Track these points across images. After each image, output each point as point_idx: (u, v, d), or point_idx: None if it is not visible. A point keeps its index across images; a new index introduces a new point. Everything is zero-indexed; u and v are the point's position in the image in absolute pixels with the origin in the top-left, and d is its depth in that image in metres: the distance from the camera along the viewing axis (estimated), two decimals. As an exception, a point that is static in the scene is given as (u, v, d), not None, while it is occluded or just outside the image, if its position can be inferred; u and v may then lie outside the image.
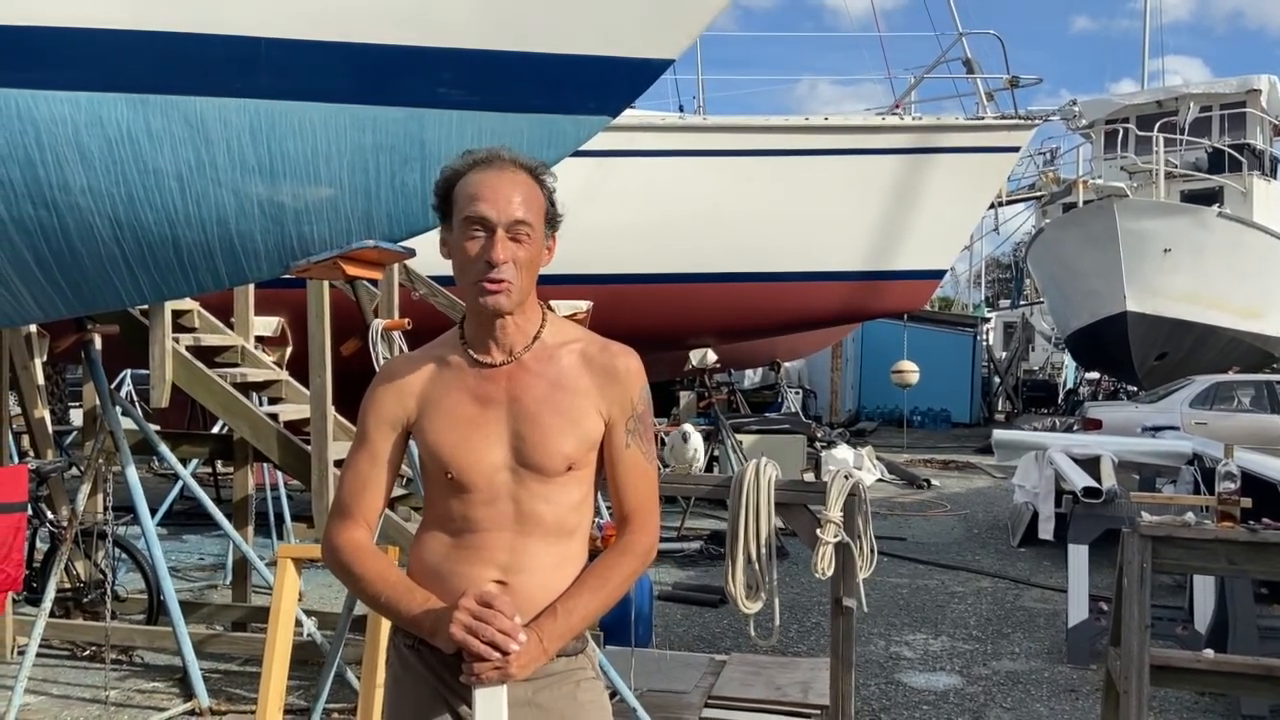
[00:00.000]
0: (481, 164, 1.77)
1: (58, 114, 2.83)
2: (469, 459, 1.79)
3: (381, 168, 3.08)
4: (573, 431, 1.80)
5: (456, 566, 1.80)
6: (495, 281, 1.72)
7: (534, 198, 1.77)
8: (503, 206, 1.72)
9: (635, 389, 1.86)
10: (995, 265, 44.10)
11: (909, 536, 9.04)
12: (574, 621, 1.77)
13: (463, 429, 1.80)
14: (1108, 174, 20.09)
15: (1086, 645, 5.42)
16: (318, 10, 2.93)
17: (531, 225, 1.75)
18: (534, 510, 1.79)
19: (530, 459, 1.78)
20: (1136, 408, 13.43)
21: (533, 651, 1.70)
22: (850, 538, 3.72)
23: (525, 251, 1.75)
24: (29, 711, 4.51)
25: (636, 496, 1.88)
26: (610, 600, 1.84)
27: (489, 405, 1.80)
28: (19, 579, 3.81)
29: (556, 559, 1.81)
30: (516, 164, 1.78)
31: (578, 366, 1.83)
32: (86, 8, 2.80)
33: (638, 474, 1.88)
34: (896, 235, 10.15)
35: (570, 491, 1.83)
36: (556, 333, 1.86)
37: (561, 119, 3.18)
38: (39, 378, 5.69)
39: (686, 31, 3.24)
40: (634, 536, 1.87)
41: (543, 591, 1.78)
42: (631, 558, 1.86)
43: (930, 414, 21.13)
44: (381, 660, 3.33)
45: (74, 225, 3.01)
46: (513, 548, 1.79)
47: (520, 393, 1.80)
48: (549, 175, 1.82)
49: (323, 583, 6.99)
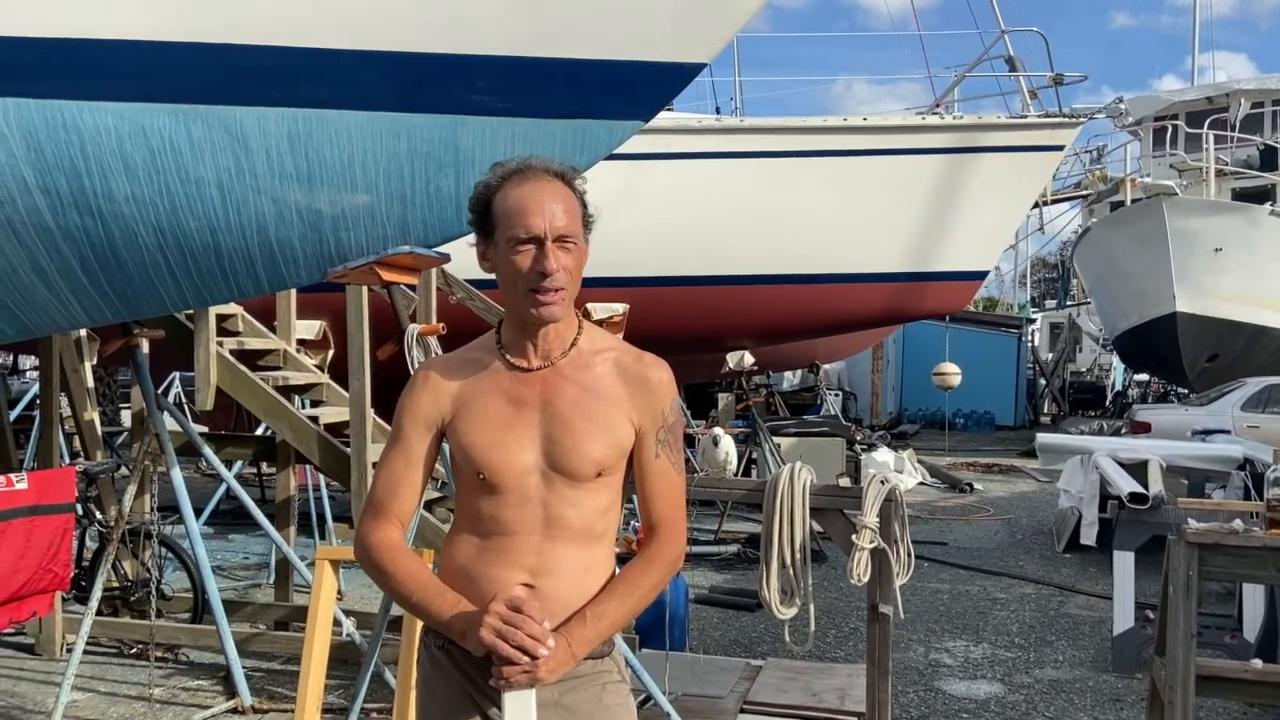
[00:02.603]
0: (516, 176, 1.79)
1: (102, 124, 2.89)
2: (500, 460, 1.81)
3: (417, 174, 3.11)
4: (603, 437, 1.82)
5: (485, 569, 1.82)
6: (550, 291, 1.76)
7: (572, 205, 1.80)
8: (549, 218, 1.76)
9: (666, 400, 1.89)
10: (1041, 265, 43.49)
11: (950, 541, 8.93)
12: (602, 627, 1.79)
13: (496, 431, 1.82)
14: (1156, 172, 19.70)
15: (1132, 654, 5.32)
16: (354, 20, 2.96)
17: (575, 234, 1.79)
18: (562, 514, 1.81)
19: (561, 463, 1.81)
20: (1186, 410, 13.15)
21: (561, 656, 1.73)
22: (886, 543, 3.68)
23: (572, 258, 1.79)
24: (76, 708, 4.61)
25: (664, 506, 1.90)
26: (638, 608, 1.87)
27: (522, 408, 1.83)
28: (66, 579, 3.90)
29: (584, 563, 1.83)
30: (549, 172, 1.81)
31: (611, 375, 1.86)
32: (129, 20, 2.86)
33: (666, 483, 1.90)
34: (938, 236, 10.03)
35: (599, 497, 1.84)
36: (592, 340, 1.89)
37: (594, 124, 3.19)
38: (88, 381, 5.82)
39: (719, 35, 3.24)
40: (662, 546, 1.89)
41: (571, 595, 1.81)
42: (659, 566, 1.87)
43: (973, 416, 20.88)
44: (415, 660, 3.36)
45: (119, 233, 3.08)
46: (540, 551, 1.81)
47: (554, 397, 1.82)
48: (580, 179, 1.85)
49: (362, 583, 7.06)
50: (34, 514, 3.66)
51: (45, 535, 3.71)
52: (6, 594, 3.63)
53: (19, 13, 2.85)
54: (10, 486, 3.59)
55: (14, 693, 4.86)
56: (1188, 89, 22.57)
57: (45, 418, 5.55)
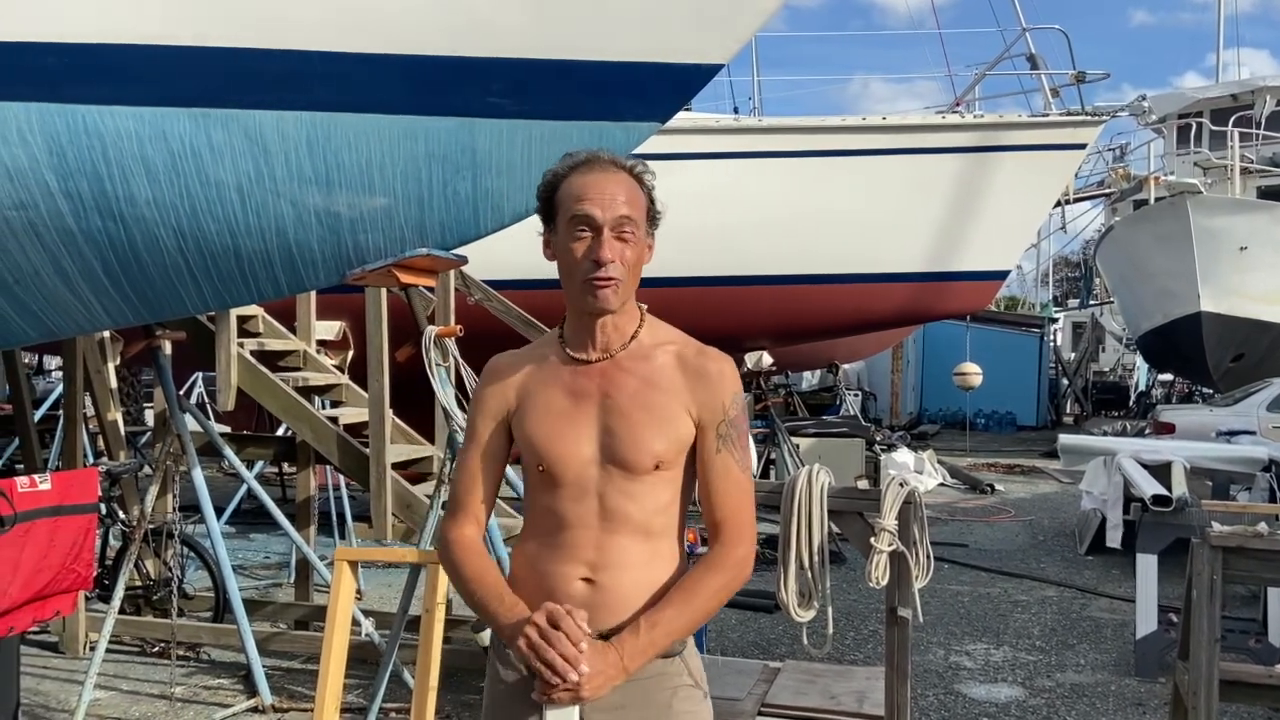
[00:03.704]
0: (583, 165, 1.80)
1: (123, 129, 2.92)
2: (559, 451, 1.81)
3: (434, 177, 3.12)
4: (662, 430, 1.79)
5: (547, 565, 1.81)
6: (603, 280, 1.75)
7: (636, 196, 1.79)
8: (607, 205, 1.75)
9: (727, 393, 1.84)
10: (1063, 264, 43.14)
11: (971, 543, 8.87)
12: (657, 636, 1.74)
13: (555, 422, 1.82)
14: (1180, 170, 19.49)
15: (1155, 658, 5.26)
16: (371, 23, 2.98)
17: (635, 222, 1.77)
18: (620, 507, 1.79)
19: (618, 455, 1.79)
20: (1211, 411, 13.01)
21: (609, 671, 1.68)
22: (905, 546, 3.66)
23: (631, 250, 1.78)
24: (99, 706, 4.65)
25: (727, 505, 1.84)
26: (698, 615, 1.79)
27: (582, 400, 1.82)
28: (89, 578, 3.94)
29: (645, 556, 1.80)
30: (617, 164, 1.81)
31: (671, 367, 1.83)
32: (148, 24, 2.88)
33: (729, 481, 1.83)
34: (959, 235, 9.97)
35: (658, 492, 1.81)
36: (653, 333, 1.87)
37: (611, 126, 3.19)
38: (112, 381, 5.88)
39: (736, 36, 3.23)
40: (724, 549, 1.82)
41: (632, 589, 1.78)
42: (720, 571, 1.80)
43: (994, 417, 20.75)
44: (434, 661, 3.37)
45: (140, 236, 3.11)
46: (599, 545, 1.79)
47: (613, 389, 1.81)
48: (649, 174, 1.84)
49: (381, 582, 7.10)
50: (57, 514, 3.69)
51: (69, 535, 3.74)
52: (31, 593, 3.66)
53: (41, 18, 2.88)
54: (34, 487, 3.62)
55: (38, 690, 4.91)
56: (1212, 86, 22.33)
57: (69, 417, 5.61)
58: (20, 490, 3.57)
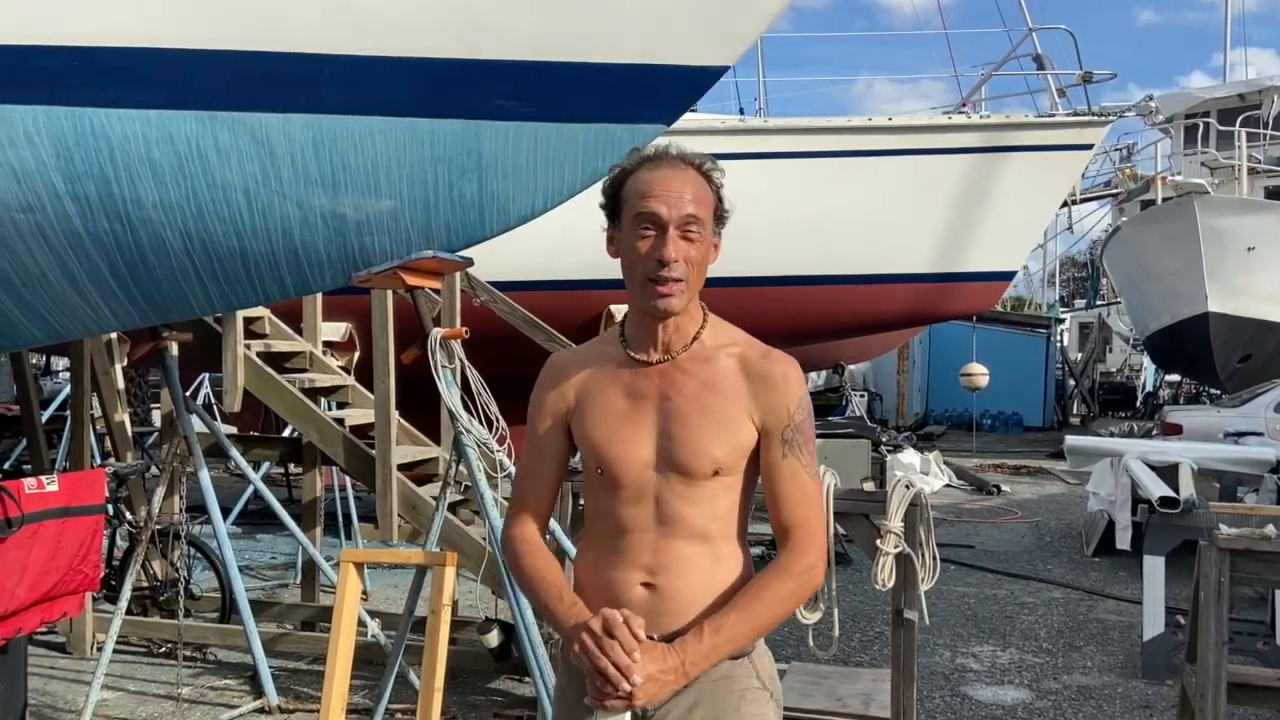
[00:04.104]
0: (651, 161, 1.76)
1: (130, 131, 2.93)
2: (617, 454, 1.79)
3: (440, 179, 3.12)
4: (721, 434, 1.75)
5: (607, 571, 1.80)
6: (667, 281, 1.72)
7: (703, 194, 1.75)
8: (674, 203, 1.71)
9: (793, 398, 1.78)
10: (1070, 264, 43.03)
11: (977, 544, 8.86)
12: (720, 642, 1.70)
13: (614, 424, 1.80)
14: (1188, 170, 19.44)
15: (1162, 660, 5.25)
16: (377, 26, 2.98)
17: (701, 221, 1.73)
18: (677, 512, 1.75)
19: (676, 458, 1.75)
20: (1219, 412, 12.96)
21: (668, 676, 1.65)
22: (911, 548, 3.66)
23: (696, 250, 1.74)
24: (106, 706, 4.67)
25: (794, 511, 1.78)
26: (763, 622, 1.74)
27: (640, 402, 1.79)
28: (96, 579, 3.95)
29: (706, 560, 1.76)
30: (685, 160, 1.77)
31: (734, 370, 1.78)
32: (156, 28, 2.89)
33: (795, 487, 1.78)
34: (965, 236, 9.95)
35: (717, 497, 1.77)
36: (716, 335, 1.83)
37: (617, 128, 3.18)
38: (119, 382, 5.89)
39: (742, 37, 3.22)
40: (790, 556, 1.77)
41: (694, 592, 1.75)
42: (786, 578, 1.75)
43: (1001, 417, 20.70)
44: (440, 662, 3.37)
45: (147, 238, 3.11)
46: (656, 549, 1.76)
47: (672, 391, 1.77)
48: (717, 171, 1.79)
49: (388, 583, 7.11)
50: (65, 515, 3.70)
51: (76, 536, 3.76)
52: (38, 594, 3.68)
53: (47, 20, 2.89)
54: (41, 489, 3.63)
55: (45, 691, 4.93)
56: (1219, 86, 22.27)
57: (77, 418, 5.63)
58: (28, 492, 3.58)
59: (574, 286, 8.82)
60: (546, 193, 3.21)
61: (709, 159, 1.79)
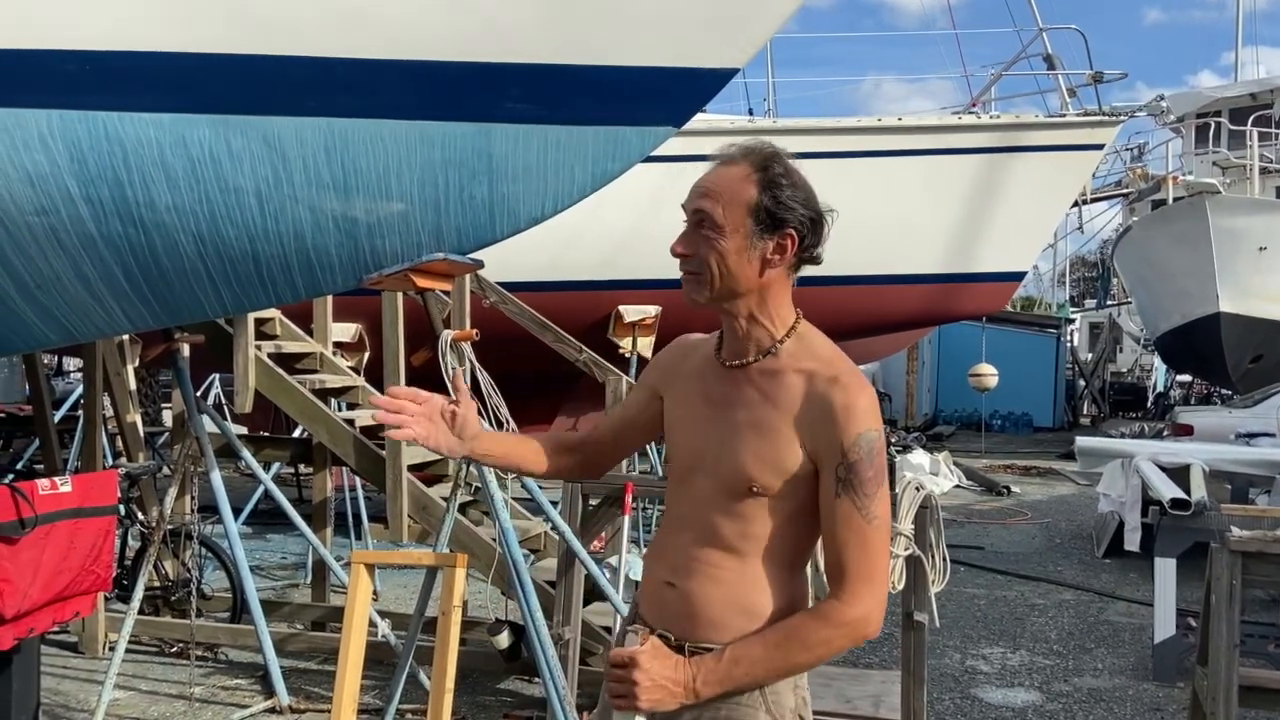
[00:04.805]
0: (715, 160, 1.75)
1: (144, 135, 2.94)
2: (679, 451, 1.81)
3: (450, 182, 3.12)
4: (764, 454, 1.67)
5: (649, 562, 1.84)
6: (684, 272, 1.73)
7: (732, 190, 1.68)
8: (692, 195, 1.72)
9: (849, 433, 1.63)
10: (1080, 263, 42.89)
11: (987, 545, 8.84)
12: (738, 673, 1.62)
13: (684, 421, 1.82)
14: (1199, 170, 19.38)
15: (1173, 662, 5.23)
16: (389, 30, 2.99)
17: (711, 217, 1.68)
18: (712, 521, 1.72)
19: (717, 468, 1.73)
20: (1230, 413, 12.92)
21: (676, 688, 1.60)
22: (921, 550, 3.66)
23: (709, 245, 1.68)
24: (118, 706, 4.69)
25: (841, 556, 1.64)
26: (788, 665, 1.65)
27: (708, 405, 1.78)
28: (108, 580, 3.97)
29: (733, 575, 1.70)
30: (734, 158, 1.72)
31: (798, 390, 1.68)
32: (169, 32, 2.90)
33: (847, 530, 1.63)
34: (975, 237, 9.94)
35: (752, 515, 1.69)
36: (796, 350, 1.73)
37: (626, 130, 3.18)
38: (131, 383, 5.93)
39: (753, 40, 3.22)
40: (834, 603, 1.63)
41: (713, 603, 1.70)
42: (825, 624, 1.63)
43: (1011, 418, 20.65)
44: (451, 663, 3.38)
45: (160, 242, 3.13)
46: (686, 552, 1.75)
47: (735, 400, 1.74)
48: (773, 169, 1.70)
49: (398, 583, 7.13)
50: (78, 516, 3.72)
51: (89, 537, 3.78)
52: (51, 595, 3.70)
53: (61, 25, 2.91)
54: (55, 489, 3.65)
55: (58, 690, 4.96)
56: (1230, 85, 22.18)
57: (89, 419, 5.66)
58: (41, 492, 3.60)
59: (583, 287, 8.84)
60: (557, 195, 3.21)
61: (768, 156, 1.71)
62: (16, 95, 2.90)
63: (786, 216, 1.69)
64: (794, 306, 1.77)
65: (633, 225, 8.26)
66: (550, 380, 8.45)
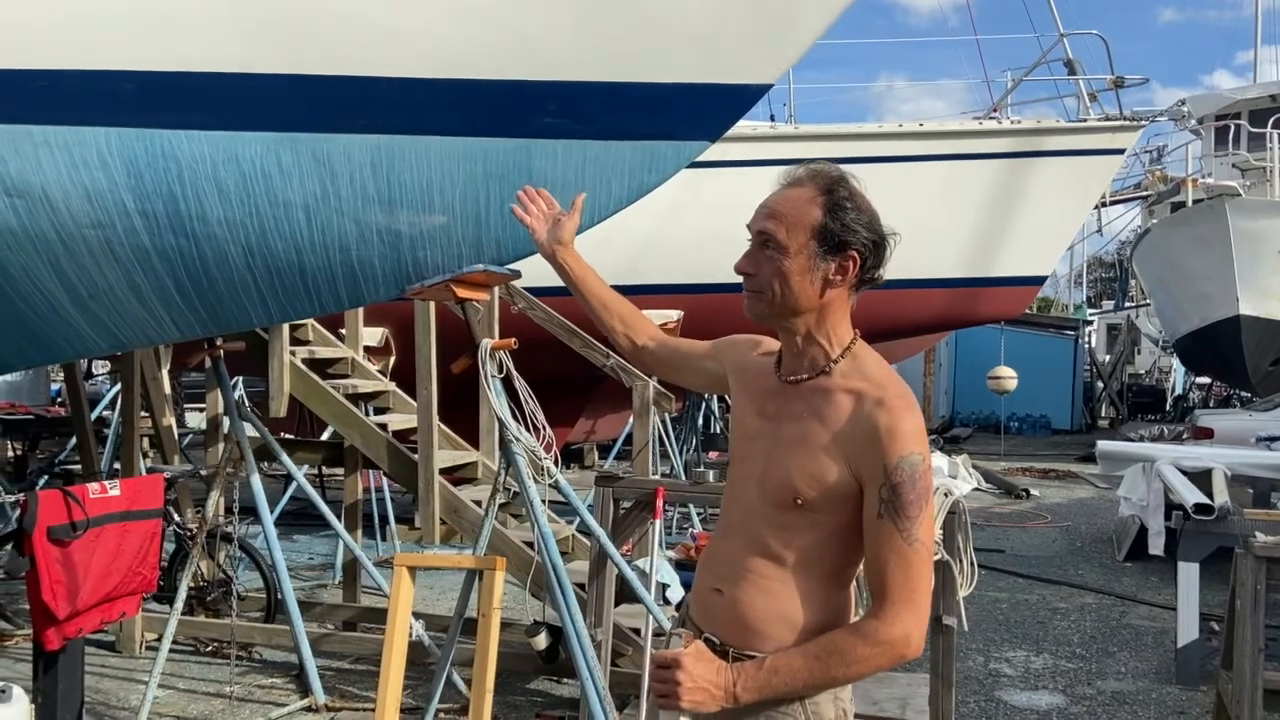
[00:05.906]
0: (786, 179, 1.81)
1: (198, 153, 3.05)
2: (734, 459, 1.88)
3: (491, 196, 3.22)
4: (809, 469, 1.71)
5: (700, 569, 1.90)
6: (747, 290, 1.80)
7: (797, 212, 1.73)
8: (756, 216, 1.79)
9: (891, 455, 1.64)
10: (1098, 264, 42.72)
11: (1007, 548, 8.87)
12: (776, 681, 1.66)
13: (741, 429, 1.88)
14: (1218, 172, 19.26)
15: (1196, 666, 5.27)
16: (433, 50, 3.08)
17: (775, 237, 1.73)
18: (759, 531, 1.77)
19: (764, 480, 1.78)
20: (1250, 416, 12.86)
21: (716, 691, 1.65)
22: (950, 555, 3.72)
23: (770, 265, 1.74)
24: (158, 704, 4.80)
25: (883, 576, 1.65)
26: (827, 678, 1.67)
27: (761, 418, 1.84)
28: (154, 581, 4.07)
29: (776, 585, 1.74)
30: (801, 181, 1.77)
31: (846, 410, 1.71)
32: (225, 54, 3.00)
33: (889, 551, 1.65)
34: (996, 241, 9.96)
35: (797, 528, 1.73)
36: (851, 368, 1.76)
37: (662, 145, 3.27)
38: (166, 387, 6.04)
39: (785, 56, 3.30)
40: (874, 621, 1.65)
41: (755, 610, 1.74)
42: (863, 641, 1.65)
43: (1029, 420, 20.60)
44: (491, 665, 3.46)
45: (211, 254, 3.23)
46: (735, 560, 1.80)
47: (784, 415, 1.78)
48: (837, 191, 1.74)
49: (424, 584, 7.23)
50: (126, 519, 3.83)
51: (136, 540, 3.88)
52: (100, 595, 3.80)
53: (122, 46, 3.01)
54: (104, 493, 3.76)
55: (98, 689, 5.07)
56: (1250, 86, 22.04)
57: (127, 422, 5.77)
58: (92, 496, 3.70)
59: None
60: (593, 208, 3.29)
61: (834, 179, 1.76)
62: (77, 114, 3.00)
63: (850, 239, 1.73)
64: (852, 326, 1.82)
65: (655, 230, 8.34)
66: (570, 384, 8.53)
